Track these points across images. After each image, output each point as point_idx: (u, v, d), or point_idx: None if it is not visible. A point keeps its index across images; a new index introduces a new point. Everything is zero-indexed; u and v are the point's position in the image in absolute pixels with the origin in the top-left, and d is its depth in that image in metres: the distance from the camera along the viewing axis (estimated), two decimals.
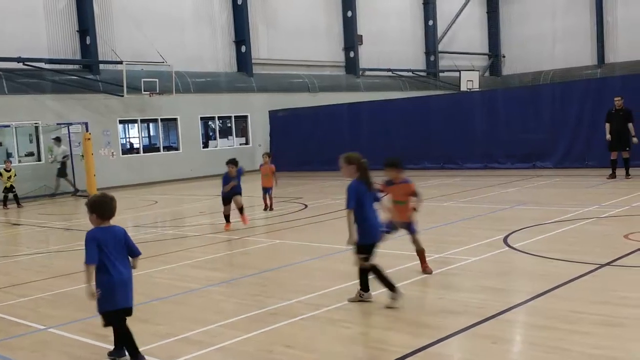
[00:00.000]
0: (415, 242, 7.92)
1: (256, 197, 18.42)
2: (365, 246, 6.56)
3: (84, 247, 5.32)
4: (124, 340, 5.39)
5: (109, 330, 6.19)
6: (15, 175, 20.41)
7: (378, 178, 7.20)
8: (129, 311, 5.43)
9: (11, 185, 20.12)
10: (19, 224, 16.18)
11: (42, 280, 9.01)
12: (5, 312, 7.34)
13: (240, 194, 12.85)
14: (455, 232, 10.91)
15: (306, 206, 15.45)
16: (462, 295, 6.86)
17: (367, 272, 6.67)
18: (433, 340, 5.43)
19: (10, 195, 20.11)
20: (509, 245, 9.18)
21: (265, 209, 15.10)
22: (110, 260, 5.31)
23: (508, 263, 8.38)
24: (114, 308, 5.32)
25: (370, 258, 6.59)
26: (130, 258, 5.53)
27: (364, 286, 6.76)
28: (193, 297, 7.57)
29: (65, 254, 11.30)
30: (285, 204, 16.22)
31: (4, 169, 20.29)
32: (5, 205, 20.08)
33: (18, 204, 20.28)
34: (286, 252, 10.15)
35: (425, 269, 7.85)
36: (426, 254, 8.00)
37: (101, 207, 5.58)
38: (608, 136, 16.73)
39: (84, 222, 16.37)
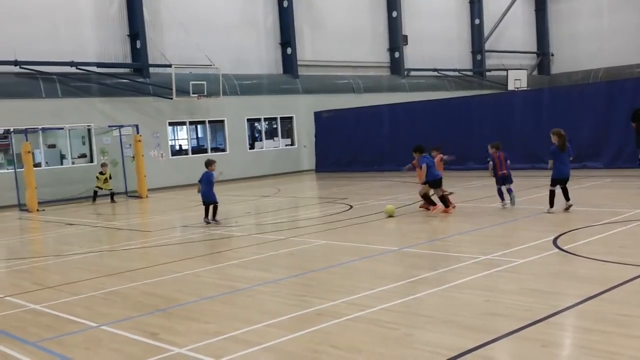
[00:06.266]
0: None
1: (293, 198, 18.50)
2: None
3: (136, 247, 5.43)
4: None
5: (161, 329, 6.39)
6: (110, 177, 21.91)
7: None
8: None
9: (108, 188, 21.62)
10: (72, 224, 16.62)
11: (95, 279, 9.24)
12: (59, 310, 7.55)
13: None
14: (502, 233, 10.78)
15: (351, 207, 15.45)
16: (510, 297, 6.78)
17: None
18: (480, 343, 5.38)
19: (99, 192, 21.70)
20: (558, 247, 9.02)
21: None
22: None
23: (557, 265, 8.24)
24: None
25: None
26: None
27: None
28: (240, 297, 7.67)
29: (116, 253, 11.57)
30: (331, 205, 16.26)
31: (100, 173, 21.68)
32: (94, 200, 21.50)
33: (112, 199, 21.60)
34: (331, 252, 10.18)
35: None
36: (472, 256, 7.93)
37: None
38: None
39: (136, 221, 16.73)
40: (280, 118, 29.65)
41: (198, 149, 27.85)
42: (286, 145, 29.81)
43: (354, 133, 27.49)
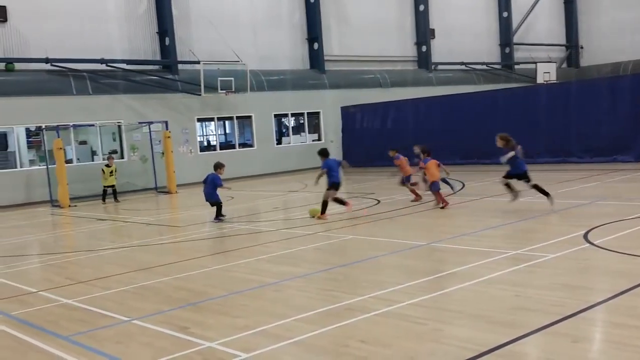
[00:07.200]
0: None
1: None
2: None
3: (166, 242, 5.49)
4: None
5: (191, 323, 6.48)
6: (116, 171, 21.35)
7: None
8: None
9: (112, 183, 21.21)
10: (103, 219, 16.86)
11: (126, 274, 9.37)
12: (91, 304, 7.67)
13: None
14: (533, 228, 10.68)
15: (379, 202, 15.44)
16: (540, 292, 6.71)
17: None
18: (511, 338, 5.35)
19: (110, 190, 21.31)
20: (589, 242, 8.92)
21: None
22: None
23: (588, 260, 8.15)
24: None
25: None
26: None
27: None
28: (269, 291, 7.72)
29: (147, 248, 11.71)
30: (358, 200, 16.25)
31: (106, 166, 21.26)
32: (104, 200, 21.13)
33: (115, 198, 21.21)
34: (359, 247, 10.19)
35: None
36: (502, 250, 7.86)
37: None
38: None
39: (166, 217, 16.91)
40: (307, 113, 29.69)
41: (226, 145, 28.03)
42: (313, 140, 29.84)
43: (381, 128, 27.43)
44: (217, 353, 5.62)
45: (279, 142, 29.08)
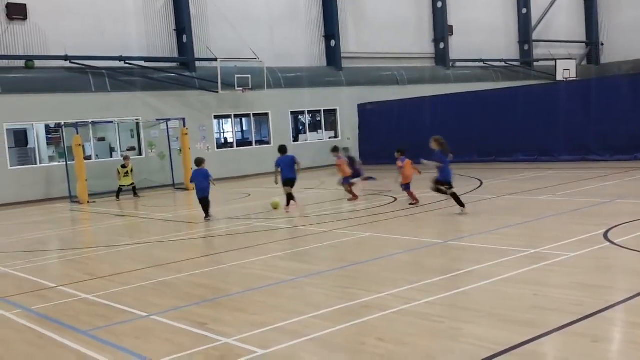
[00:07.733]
0: None
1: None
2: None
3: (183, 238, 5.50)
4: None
5: (209, 319, 6.50)
6: (132, 170, 21.53)
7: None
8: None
9: (131, 183, 21.46)
10: (122, 215, 16.97)
11: (144, 270, 9.43)
12: (110, 300, 7.73)
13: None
14: (551, 226, 10.59)
15: (396, 199, 15.41)
16: (559, 292, 6.66)
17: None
18: (529, 338, 5.31)
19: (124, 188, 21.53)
20: (609, 241, 8.83)
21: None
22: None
23: (608, 259, 8.07)
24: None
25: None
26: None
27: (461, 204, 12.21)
28: (286, 288, 7.73)
29: (165, 244, 11.78)
30: (375, 197, 16.23)
31: (121, 166, 21.45)
32: (117, 197, 21.27)
33: (135, 194, 21.48)
34: (375, 245, 10.17)
35: None
36: (520, 249, 7.80)
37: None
38: None
39: (183, 213, 16.99)
40: (324, 110, 29.67)
41: (243, 142, 28.09)
42: (330, 137, 29.82)
43: (398, 125, 27.33)
44: (235, 349, 5.64)
45: (296, 139, 29.09)
